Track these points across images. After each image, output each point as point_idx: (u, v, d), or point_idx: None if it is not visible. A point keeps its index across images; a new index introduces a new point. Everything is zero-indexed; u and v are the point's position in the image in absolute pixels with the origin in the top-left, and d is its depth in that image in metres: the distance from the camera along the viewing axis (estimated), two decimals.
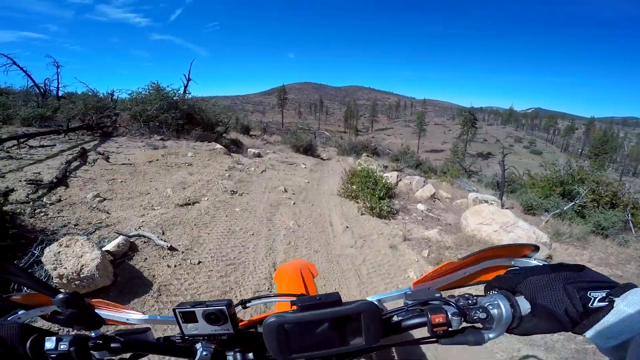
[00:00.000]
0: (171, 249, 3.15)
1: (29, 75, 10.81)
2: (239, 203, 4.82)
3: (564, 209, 7.26)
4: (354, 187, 6.03)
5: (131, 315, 0.61)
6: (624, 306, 0.39)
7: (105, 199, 4.07)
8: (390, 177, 7.02)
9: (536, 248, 0.59)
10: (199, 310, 0.49)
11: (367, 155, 19.31)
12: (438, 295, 0.53)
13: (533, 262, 0.58)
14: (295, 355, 0.48)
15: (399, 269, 3.65)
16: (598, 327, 0.41)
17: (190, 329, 0.50)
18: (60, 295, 0.46)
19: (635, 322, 0.38)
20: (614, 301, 0.41)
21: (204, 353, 0.53)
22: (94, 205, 3.80)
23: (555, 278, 0.45)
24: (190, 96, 11.66)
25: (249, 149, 9.68)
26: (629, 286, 0.42)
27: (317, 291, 1.26)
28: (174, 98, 9.62)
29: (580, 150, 76.97)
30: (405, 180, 7.35)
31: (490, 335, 0.49)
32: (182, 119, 9.24)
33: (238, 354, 0.55)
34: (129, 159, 6.00)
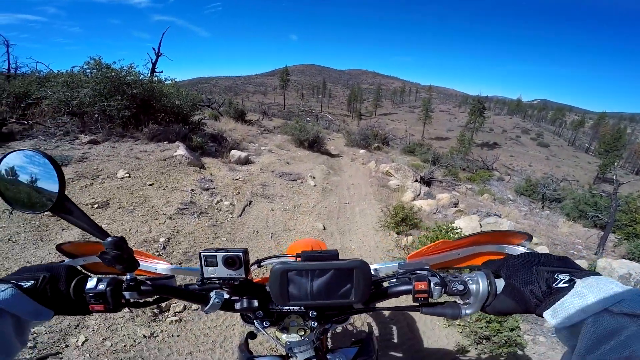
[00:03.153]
0: None
1: None
2: None
3: None
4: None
5: (160, 265, 0.73)
6: (582, 287, 0.40)
7: None
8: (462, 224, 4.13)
9: (530, 237, 0.62)
10: (219, 255, 0.56)
11: (378, 146, 16.55)
12: (427, 267, 0.58)
13: (524, 250, 0.61)
14: (293, 302, 0.55)
15: None
16: (557, 306, 0.41)
17: (209, 272, 0.57)
18: (110, 238, 0.50)
19: (589, 304, 0.38)
20: (575, 282, 0.42)
21: (216, 300, 0.58)
22: None
23: (531, 261, 0.48)
24: (160, 76, 8.50)
25: (233, 151, 6.67)
26: (593, 272, 0.43)
27: None
28: (128, 79, 6.42)
29: (587, 145, 74.51)
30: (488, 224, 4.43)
31: (467, 311, 0.53)
32: (132, 108, 6.07)
33: (245, 299, 0.62)
34: None
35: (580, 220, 9.70)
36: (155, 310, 2.22)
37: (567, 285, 0.42)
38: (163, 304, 2.29)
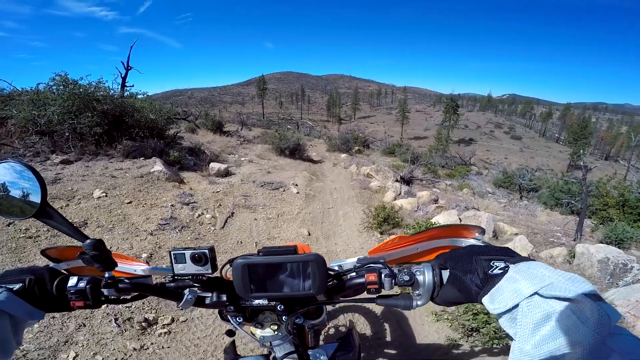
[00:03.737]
0: None
1: None
2: None
3: None
4: None
5: (137, 267, 0.77)
6: (515, 272, 0.42)
7: None
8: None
9: (482, 230, 0.65)
10: (187, 252, 0.62)
11: (359, 149, 16.76)
12: (382, 261, 0.61)
13: (479, 244, 0.63)
14: (254, 294, 0.59)
15: None
16: (493, 292, 0.42)
17: (179, 268, 0.63)
18: (89, 240, 0.54)
19: (520, 288, 0.39)
20: (508, 267, 0.43)
21: (189, 297, 0.62)
22: None
23: (472, 252, 0.51)
24: (131, 90, 8.32)
25: (212, 164, 6.60)
26: (526, 258, 0.45)
27: None
28: (97, 94, 6.23)
29: (557, 136, 78.06)
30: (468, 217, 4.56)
31: (419, 302, 0.56)
32: (104, 125, 5.92)
33: (215, 294, 0.65)
34: None
35: (557, 207, 10.08)
36: (143, 324, 2.18)
37: (501, 271, 0.44)
38: (150, 317, 2.26)
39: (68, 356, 1.85)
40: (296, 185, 6.22)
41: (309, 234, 4.09)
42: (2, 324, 0.48)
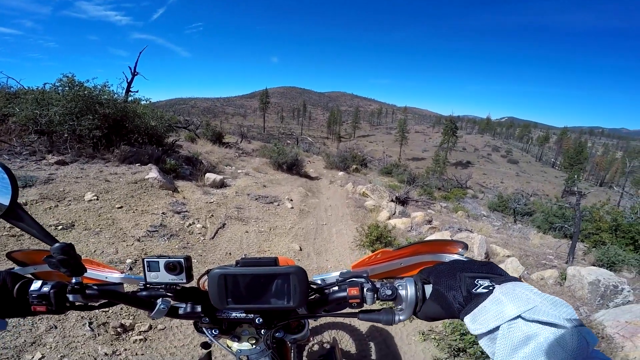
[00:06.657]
0: None
1: None
2: None
3: None
4: None
5: (110, 274, 0.73)
6: (500, 293, 0.41)
7: None
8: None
9: (465, 246, 0.64)
10: (161, 261, 0.59)
11: (356, 168, 16.83)
12: (365, 275, 0.60)
13: (462, 259, 0.61)
14: (230, 305, 0.56)
15: None
16: (476, 311, 0.42)
17: (152, 277, 0.60)
18: (58, 244, 0.52)
19: (504, 310, 0.39)
20: (494, 288, 0.42)
21: (162, 307, 0.59)
22: None
23: (455, 267, 0.49)
24: (135, 96, 8.40)
25: (208, 174, 6.59)
26: (512, 278, 0.44)
27: None
28: (101, 98, 6.26)
29: (553, 160, 78.86)
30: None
31: (401, 317, 0.54)
32: (103, 129, 5.94)
33: (189, 305, 0.63)
34: None
35: (551, 231, 10.11)
36: (119, 329, 2.13)
37: (486, 291, 0.43)
38: (127, 323, 2.21)
39: (33, 357, 1.80)
40: (291, 200, 6.20)
41: (301, 249, 4.04)
42: None
